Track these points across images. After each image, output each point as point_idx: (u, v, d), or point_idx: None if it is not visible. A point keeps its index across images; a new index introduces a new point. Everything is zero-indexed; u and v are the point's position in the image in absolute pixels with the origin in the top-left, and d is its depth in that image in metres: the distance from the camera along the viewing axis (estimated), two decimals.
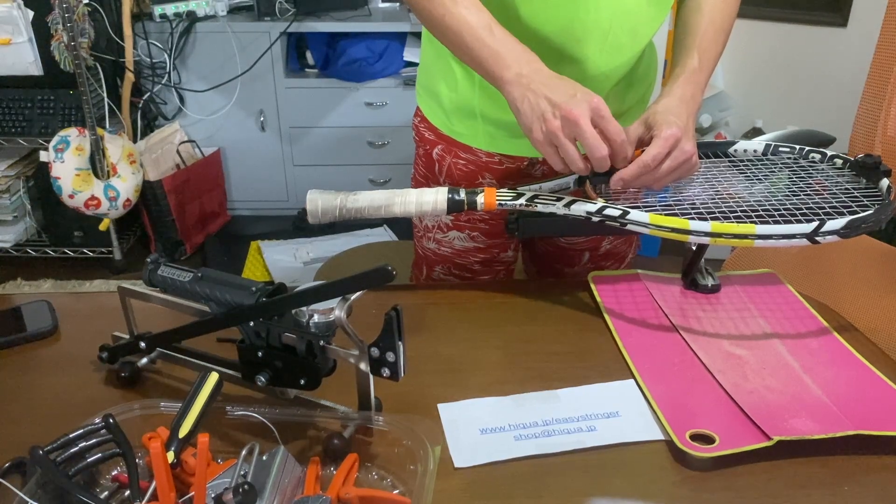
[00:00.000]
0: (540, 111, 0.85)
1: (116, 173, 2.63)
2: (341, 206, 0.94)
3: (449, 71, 1.09)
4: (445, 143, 1.15)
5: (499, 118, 1.08)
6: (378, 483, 0.71)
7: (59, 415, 0.81)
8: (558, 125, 0.84)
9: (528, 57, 0.90)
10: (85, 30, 2.53)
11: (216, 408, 0.71)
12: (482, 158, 1.13)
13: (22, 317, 0.97)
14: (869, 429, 0.74)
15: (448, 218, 1.18)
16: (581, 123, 0.83)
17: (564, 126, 0.85)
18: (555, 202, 0.92)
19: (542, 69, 0.89)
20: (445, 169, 1.16)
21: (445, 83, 1.11)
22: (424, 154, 1.19)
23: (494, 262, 1.22)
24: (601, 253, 1.24)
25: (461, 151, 1.14)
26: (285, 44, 3.00)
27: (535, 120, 0.86)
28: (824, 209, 0.90)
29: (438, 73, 1.11)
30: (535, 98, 0.86)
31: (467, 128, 1.12)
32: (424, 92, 1.17)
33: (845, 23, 2.54)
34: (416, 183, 1.24)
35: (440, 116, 1.14)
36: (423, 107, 1.18)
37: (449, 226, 1.19)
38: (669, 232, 0.86)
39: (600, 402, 0.83)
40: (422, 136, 1.18)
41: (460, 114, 1.11)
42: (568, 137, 0.85)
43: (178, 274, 0.80)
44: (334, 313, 0.73)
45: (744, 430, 0.76)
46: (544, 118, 0.85)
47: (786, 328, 0.95)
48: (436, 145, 1.16)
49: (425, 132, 1.17)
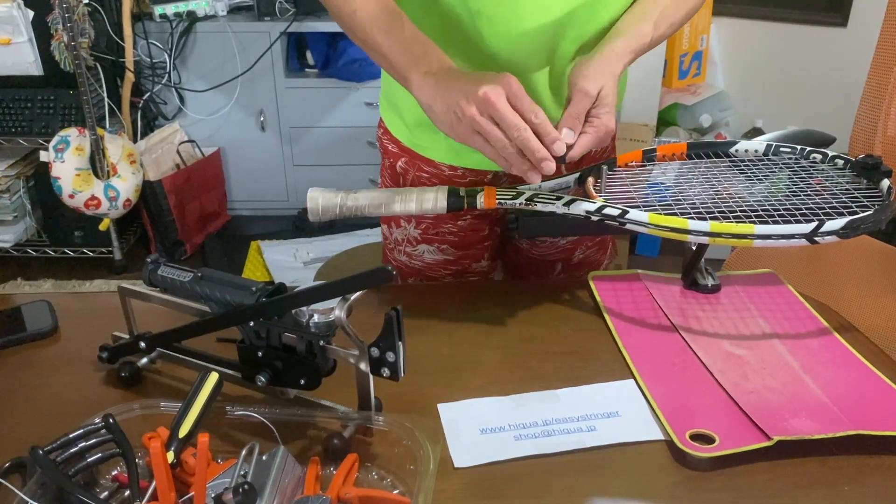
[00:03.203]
0: (454, 103, 0.82)
1: (116, 173, 2.63)
2: (342, 204, 0.94)
3: None
4: (409, 156, 1.13)
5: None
6: (378, 483, 0.71)
7: (59, 415, 0.81)
8: (474, 110, 0.80)
9: (438, 56, 0.88)
10: (85, 30, 2.53)
11: (216, 408, 0.71)
12: (445, 172, 1.11)
13: (22, 317, 0.97)
14: (869, 429, 0.74)
15: (416, 231, 1.16)
16: (496, 103, 0.79)
17: (481, 109, 0.80)
18: (554, 201, 0.92)
19: (452, 67, 0.87)
20: (409, 181, 1.14)
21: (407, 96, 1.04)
22: (389, 166, 1.17)
23: (467, 272, 1.20)
24: (574, 263, 1.23)
25: (424, 164, 1.12)
26: (285, 44, 3.00)
27: (450, 114, 0.83)
28: (824, 209, 0.90)
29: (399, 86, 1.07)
30: (447, 93, 0.83)
31: (430, 141, 1.09)
32: (387, 104, 1.15)
33: (845, 23, 2.54)
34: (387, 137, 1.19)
35: (402, 129, 1.12)
36: (385, 119, 1.15)
37: (418, 239, 1.17)
38: (669, 231, 0.86)
39: (600, 402, 0.82)
40: (385, 148, 1.16)
41: (422, 127, 1.09)
42: (489, 122, 0.81)
43: (178, 274, 0.80)
44: (334, 313, 0.73)
45: (744, 430, 0.76)
46: (460, 107, 0.81)
47: (786, 328, 0.95)
48: (399, 158, 1.14)
49: (388, 144, 1.15)
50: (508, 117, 0.80)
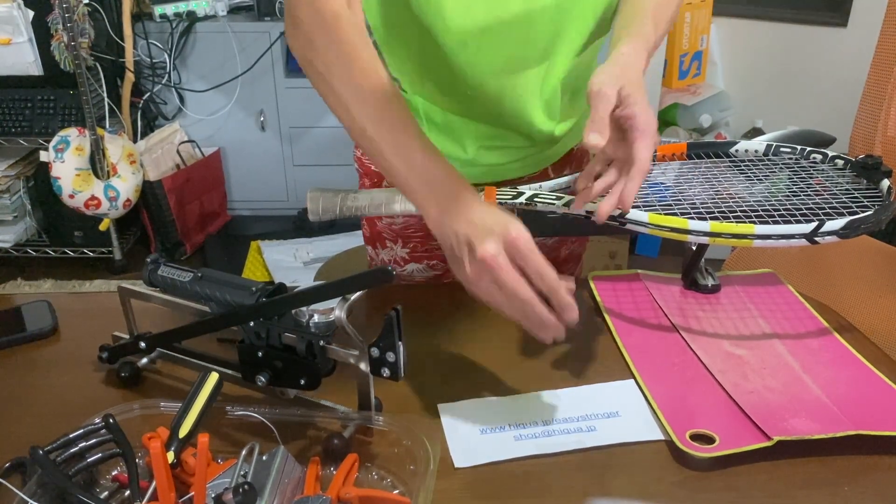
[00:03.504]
0: (460, 255, 0.73)
1: (116, 173, 2.63)
2: (342, 204, 0.94)
3: None
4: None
5: (448, 153, 1.05)
6: (378, 483, 0.71)
7: (59, 415, 0.81)
8: (475, 270, 0.72)
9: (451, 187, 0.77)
10: (85, 30, 2.53)
11: (216, 408, 0.71)
12: None
13: (22, 317, 0.97)
14: (869, 429, 0.74)
15: (404, 251, 1.15)
16: (495, 268, 0.69)
17: (480, 271, 0.71)
18: (554, 201, 0.92)
19: (465, 198, 0.76)
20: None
21: None
22: (372, 185, 1.15)
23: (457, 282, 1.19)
24: (561, 259, 1.23)
25: None
26: (285, 44, 2.99)
27: (458, 267, 0.74)
28: (824, 209, 0.90)
29: None
30: (456, 240, 0.74)
31: None
32: None
33: (845, 23, 2.54)
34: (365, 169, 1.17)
35: None
36: None
37: (406, 259, 1.16)
38: (668, 231, 0.86)
39: (600, 402, 0.82)
40: (367, 168, 1.14)
41: None
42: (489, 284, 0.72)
43: (178, 274, 0.80)
44: (334, 313, 0.73)
45: (744, 430, 0.76)
46: (463, 263, 0.73)
47: (786, 328, 0.95)
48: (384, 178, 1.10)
49: (370, 164, 1.13)
50: (509, 284, 0.70)
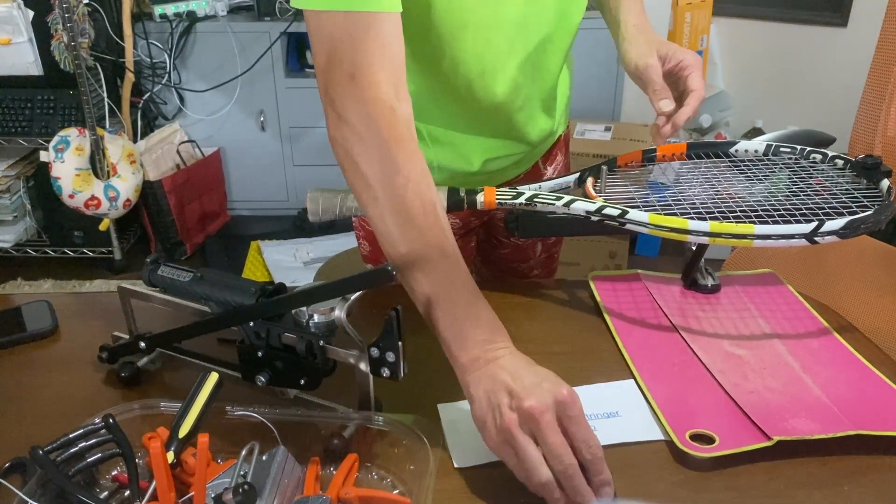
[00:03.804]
0: (496, 402, 0.67)
1: (116, 173, 2.63)
2: (342, 204, 0.94)
3: None
4: None
5: (454, 167, 1.06)
6: (378, 483, 0.71)
7: (59, 415, 0.81)
8: (514, 419, 0.65)
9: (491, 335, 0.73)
10: (85, 30, 2.53)
11: (216, 408, 0.71)
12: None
13: (22, 317, 0.97)
14: (869, 429, 0.74)
15: None
16: (541, 420, 0.64)
17: (522, 421, 0.65)
18: (554, 201, 0.92)
19: (505, 352, 0.71)
20: None
21: None
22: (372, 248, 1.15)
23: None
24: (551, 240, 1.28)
25: None
26: (285, 44, 2.99)
27: (488, 412, 0.68)
28: (824, 209, 0.90)
29: None
30: (493, 385, 0.68)
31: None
32: None
33: (845, 23, 2.54)
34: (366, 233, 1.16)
35: None
36: None
37: None
38: (668, 232, 0.86)
39: (600, 402, 0.82)
40: (367, 231, 1.15)
41: None
42: (525, 439, 0.65)
43: (178, 274, 0.80)
44: (334, 313, 0.73)
45: (744, 430, 0.76)
46: (500, 410, 0.67)
47: (786, 328, 0.95)
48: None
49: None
50: (555, 446, 0.64)
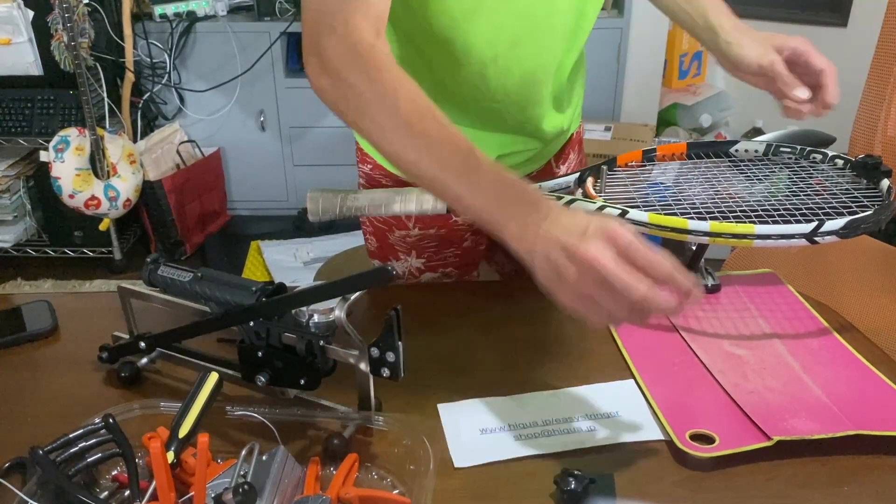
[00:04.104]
0: (555, 262, 0.66)
1: (116, 173, 2.63)
2: (342, 204, 0.94)
3: None
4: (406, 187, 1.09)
5: None
6: (378, 483, 0.71)
7: (59, 415, 0.81)
8: (576, 275, 0.65)
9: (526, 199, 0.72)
10: (85, 30, 2.53)
11: (216, 408, 0.71)
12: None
13: (22, 317, 0.97)
14: (869, 429, 0.75)
15: (419, 261, 1.15)
16: (600, 264, 0.63)
17: (584, 273, 0.64)
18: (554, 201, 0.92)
19: (544, 207, 0.70)
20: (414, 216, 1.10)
21: None
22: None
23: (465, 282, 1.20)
24: None
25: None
26: (285, 44, 2.99)
27: (552, 275, 0.67)
28: (824, 209, 0.90)
29: None
30: (547, 247, 0.67)
31: None
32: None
33: (845, 23, 2.54)
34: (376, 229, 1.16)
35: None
36: (376, 156, 1.11)
37: (421, 269, 1.16)
38: (668, 231, 0.86)
39: (600, 402, 0.82)
40: (377, 182, 1.13)
41: None
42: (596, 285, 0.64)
43: (178, 274, 0.80)
44: (334, 313, 0.73)
45: (744, 430, 0.76)
46: (558, 269, 0.66)
47: (786, 328, 0.95)
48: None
49: (381, 178, 1.12)
50: (624, 281, 0.63)
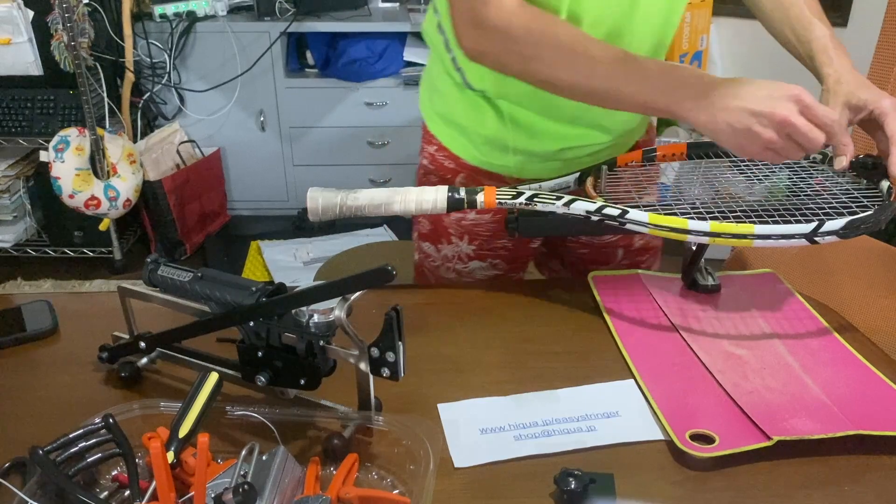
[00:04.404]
0: (745, 127, 0.81)
1: (116, 173, 2.63)
2: (342, 203, 0.94)
3: (477, 110, 1.08)
4: (469, 172, 1.13)
5: (532, 150, 1.08)
6: (378, 483, 0.71)
7: (59, 415, 0.81)
8: (772, 134, 0.80)
9: (692, 78, 0.86)
10: (85, 30, 2.53)
11: (216, 408, 0.71)
12: (509, 183, 1.12)
13: (22, 317, 0.97)
14: (869, 429, 0.75)
15: (470, 248, 1.17)
16: (795, 121, 0.80)
17: (778, 131, 0.80)
18: (554, 201, 0.92)
19: (712, 82, 0.85)
20: None
21: (474, 120, 1.09)
22: (441, 181, 1.16)
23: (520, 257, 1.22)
24: (635, 248, 1.23)
25: (486, 179, 1.12)
26: (285, 44, 2.99)
27: (742, 137, 0.82)
28: (824, 209, 0.90)
29: (465, 110, 1.09)
30: (730, 115, 0.81)
31: (498, 159, 1.10)
32: (443, 122, 1.14)
33: (845, 23, 2.54)
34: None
35: (468, 149, 1.12)
36: (442, 137, 1.14)
37: (471, 256, 1.18)
38: (668, 231, 0.86)
39: (600, 402, 0.83)
40: (440, 164, 1.15)
41: (491, 147, 1.10)
42: (785, 139, 0.81)
43: (178, 274, 0.80)
44: (334, 313, 0.73)
45: (744, 430, 0.76)
46: (752, 132, 0.81)
47: (786, 328, 0.95)
48: (458, 174, 1.14)
49: (444, 161, 1.14)
50: (810, 135, 0.80)
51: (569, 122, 1.05)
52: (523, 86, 0.93)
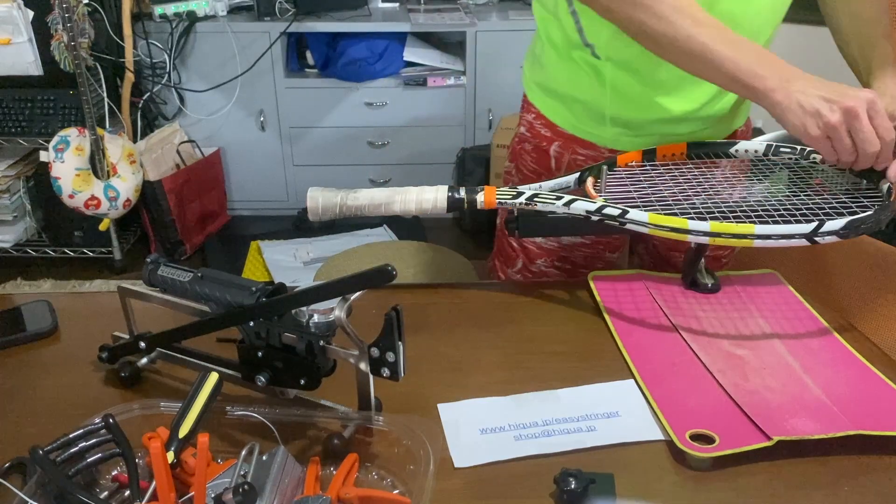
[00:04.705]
0: (814, 109, 0.87)
1: (116, 173, 2.63)
2: (342, 203, 0.94)
3: (578, 76, 1.10)
4: (564, 140, 1.16)
5: (629, 119, 1.10)
6: (378, 483, 0.71)
7: (59, 415, 0.81)
8: (838, 119, 0.86)
9: (781, 64, 0.93)
10: (85, 30, 2.53)
11: (216, 408, 0.71)
12: (604, 154, 1.14)
13: (22, 317, 0.97)
14: (869, 429, 0.74)
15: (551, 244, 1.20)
16: (861, 116, 0.86)
17: (844, 119, 0.86)
18: (554, 201, 0.92)
19: (798, 72, 0.92)
20: (565, 164, 1.17)
21: (573, 87, 1.12)
22: (535, 149, 1.20)
23: (598, 259, 1.23)
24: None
25: (581, 147, 1.15)
26: (285, 44, 3.00)
27: (808, 117, 0.88)
28: (824, 209, 0.90)
29: (564, 77, 1.13)
30: (806, 98, 0.88)
31: (595, 128, 1.13)
32: (542, 91, 1.18)
33: None
34: (524, 177, 1.23)
35: (565, 116, 1.15)
36: (540, 106, 1.19)
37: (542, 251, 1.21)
38: (668, 231, 0.86)
39: (600, 402, 0.82)
40: (536, 132, 1.20)
41: (588, 115, 1.13)
42: (845, 133, 0.87)
43: (178, 274, 0.80)
44: (334, 313, 0.73)
45: (744, 430, 0.76)
46: (820, 114, 0.87)
47: (786, 328, 0.95)
48: (553, 142, 1.17)
49: (541, 129, 1.19)
50: (867, 134, 0.87)
51: (666, 92, 1.07)
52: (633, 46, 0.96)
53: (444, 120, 3.09)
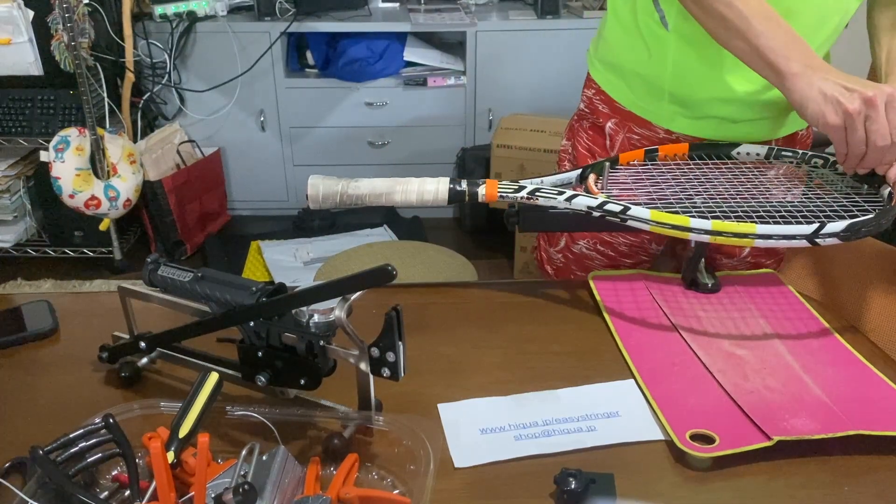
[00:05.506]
0: (834, 96, 0.88)
1: (116, 173, 2.63)
2: (342, 192, 0.94)
3: (641, 49, 1.11)
4: (620, 118, 1.17)
5: (686, 97, 1.10)
6: (378, 483, 0.71)
7: (59, 415, 0.81)
8: (857, 107, 0.87)
9: (811, 52, 0.94)
10: (85, 30, 2.53)
11: (216, 408, 0.71)
12: (659, 135, 1.15)
13: (22, 317, 0.97)
14: (869, 429, 0.74)
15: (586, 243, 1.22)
16: (879, 106, 0.87)
17: (862, 109, 0.87)
18: (556, 196, 0.92)
19: (824, 64, 0.93)
20: (619, 143, 1.17)
21: (634, 61, 1.13)
22: (592, 127, 1.21)
23: (641, 250, 1.22)
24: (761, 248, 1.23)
25: (637, 126, 1.16)
26: (285, 44, 3.00)
27: (827, 104, 0.89)
28: (825, 212, 0.90)
29: (627, 50, 1.13)
30: (826, 85, 0.89)
31: (651, 104, 1.13)
32: (604, 66, 1.19)
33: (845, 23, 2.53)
34: (578, 155, 1.24)
35: (623, 91, 1.16)
36: (600, 81, 1.19)
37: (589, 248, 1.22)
38: (670, 229, 0.86)
39: (600, 402, 0.82)
40: (595, 108, 1.20)
41: (646, 90, 1.13)
42: (862, 123, 0.88)
43: (178, 274, 0.80)
44: (334, 313, 0.73)
45: (744, 430, 0.76)
46: (839, 101, 0.88)
47: (786, 328, 0.95)
48: (609, 119, 1.18)
49: (599, 105, 1.19)
50: (882, 125, 0.88)
51: (729, 70, 1.06)
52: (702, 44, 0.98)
53: (444, 120, 3.09)
